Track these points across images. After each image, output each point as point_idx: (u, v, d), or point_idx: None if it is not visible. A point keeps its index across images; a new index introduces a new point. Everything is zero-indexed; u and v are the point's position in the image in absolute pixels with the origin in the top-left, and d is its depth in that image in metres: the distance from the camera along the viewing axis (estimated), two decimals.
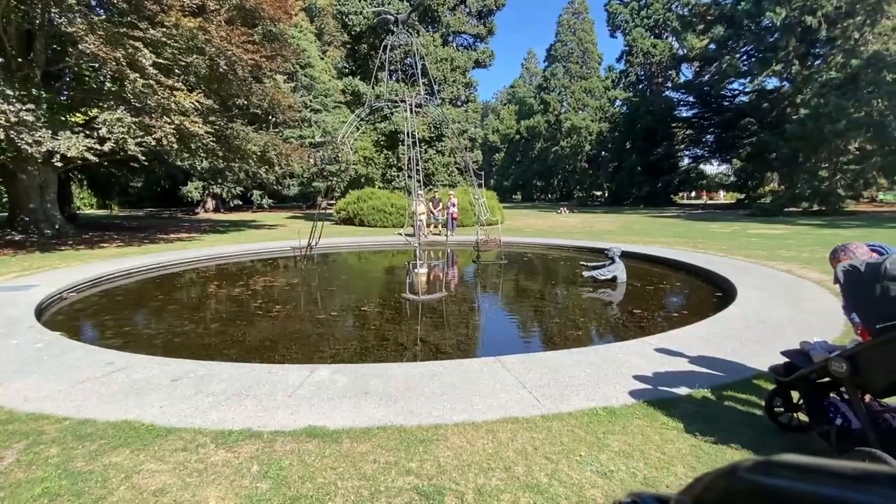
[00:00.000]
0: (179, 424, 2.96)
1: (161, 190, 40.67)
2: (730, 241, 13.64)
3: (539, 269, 11.24)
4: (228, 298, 7.82)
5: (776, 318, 5.32)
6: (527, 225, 21.91)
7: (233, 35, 14.68)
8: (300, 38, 34.02)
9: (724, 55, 32.80)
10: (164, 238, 16.56)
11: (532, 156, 57.46)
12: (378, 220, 21.32)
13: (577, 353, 4.25)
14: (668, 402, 3.21)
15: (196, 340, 5.47)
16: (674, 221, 22.83)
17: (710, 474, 0.45)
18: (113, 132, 11.98)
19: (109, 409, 3.21)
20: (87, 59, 12.49)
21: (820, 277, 7.61)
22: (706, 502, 0.43)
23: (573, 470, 2.41)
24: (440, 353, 4.97)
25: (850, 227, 17.13)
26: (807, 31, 26.72)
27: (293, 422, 2.98)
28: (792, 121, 26.45)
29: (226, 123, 17.27)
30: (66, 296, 7.68)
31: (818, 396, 2.58)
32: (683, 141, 44.44)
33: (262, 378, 3.70)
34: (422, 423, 2.94)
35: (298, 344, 5.26)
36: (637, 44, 44.94)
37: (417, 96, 10.99)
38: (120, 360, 4.18)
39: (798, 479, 0.39)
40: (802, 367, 2.59)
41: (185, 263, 11.20)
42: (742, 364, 3.95)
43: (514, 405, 3.18)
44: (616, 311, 7.08)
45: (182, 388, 3.55)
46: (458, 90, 25.18)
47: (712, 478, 0.44)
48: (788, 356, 2.80)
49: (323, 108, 35.20)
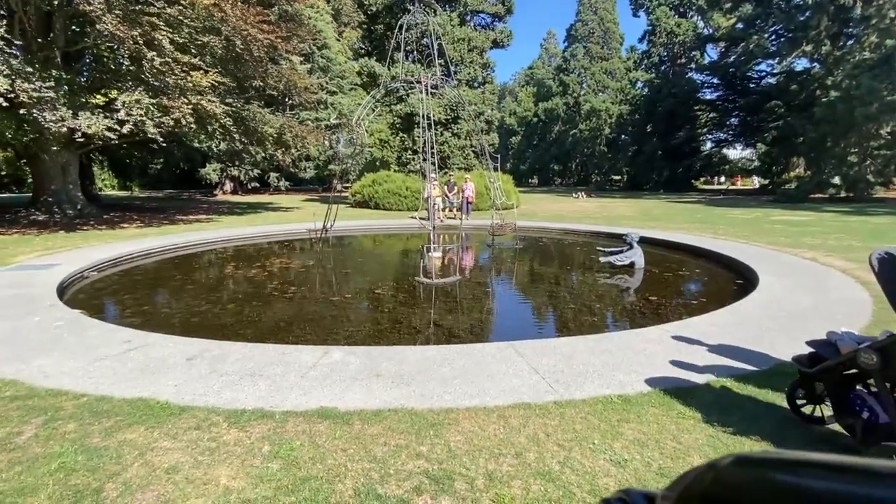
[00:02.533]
0: (193, 403, 2.99)
1: (180, 172, 41.14)
2: (752, 227, 13.29)
3: (555, 253, 11.12)
4: (244, 279, 7.90)
5: (799, 307, 5.17)
6: (543, 209, 21.67)
7: (248, 15, 14.60)
8: (316, 19, 33.72)
9: (752, 35, 31.54)
10: (182, 219, 16.78)
11: (550, 139, 56.54)
12: (393, 203, 21.28)
13: (591, 340, 4.18)
14: (685, 390, 3.13)
15: (212, 320, 5.53)
16: (694, 207, 22.34)
17: (693, 470, 0.45)
18: (132, 114, 12.08)
19: (126, 386, 3.26)
20: (105, 39, 12.56)
21: (845, 266, 7.37)
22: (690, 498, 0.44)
23: (586, 458, 2.37)
24: (453, 337, 4.95)
25: (878, 215, 16.56)
26: (840, 9, 25.56)
27: (305, 402, 2.98)
28: (821, 103, 25.49)
29: (242, 105, 17.30)
30: (87, 275, 7.83)
31: (844, 388, 2.48)
32: (706, 124, 43.21)
33: (275, 358, 3.72)
34: (433, 406, 2.92)
35: (312, 325, 5.29)
36: (660, 23, 43.54)
37: (433, 77, 10.82)
38: (137, 339, 4.24)
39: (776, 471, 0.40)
40: (829, 358, 2.49)
41: (203, 244, 11.33)
42: (763, 353, 3.84)
43: (527, 391, 3.14)
44: (633, 297, 6.96)
45: (197, 367, 3.58)
46: (475, 71, 24.77)
47: (695, 474, 0.45)
48: (814, 346, 2.69)
49: (339, 90, 35.00)
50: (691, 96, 40.79)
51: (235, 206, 23.97)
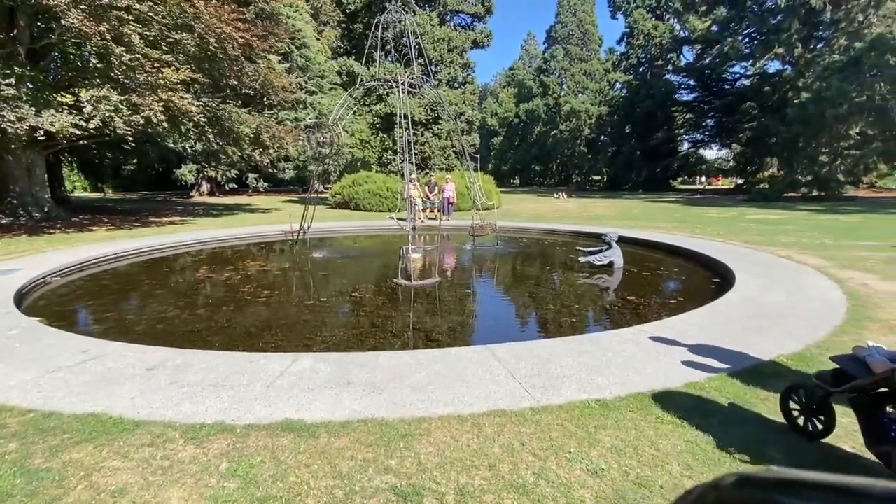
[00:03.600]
0: (149, 417, 2.81)
1: (155, 173, 40.12)
2: (728, 226, 13.48)
3: (535, 254, 11.08)
4: (217, 283, 7.64)
5: (775, 305, 5.18)
6: (524, 209, 21.69)
7: (223, 12, 14.26)
8: (295, 18, 33.23)
9: (727, 37, 32.18)
10: (156, 221, 16.32)
11: (531, 140, 56.82)
12: (374, 204, 21.06)
13: (570, 342, 4.10)
14: (664, 394, 3.07)
15: (180, 327, 5.30)
16: (672, 206, 22.63)
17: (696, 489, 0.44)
18: (98, 109, 11.66)
19: (77, 400, 3.05)
20: (71, 35, 12.09)
21: (820, 263, 7.47)
22: None
23: (562, 468, 2.27)
24: (430, 341, 4.83)
25: (849, 213, 16.99)
26: (811, 12, 26.23)
27: (270, 414, 2.83)
28: (793, 105, 26.12)
29: (218, 104, 16.89)
30: (50, 280, 7.49)
31: (876, 411, 2.22)
32: (683, 125, 43.96)
33: (241, 367, 3.55)
34: (404, 415, 2.79)
35: (284, 331, 5.11)
36: (638, 25, 44.16)
37: (412, 77, 10.68)
38: (95, 348, 4.01)
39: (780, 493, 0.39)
40: (857, 376, 2.23)
41: (176, 247, 10.99)
42: (741, 353, 3.81)
43: (503, 397, 3.03)
44: (612, 297, 6.93)
45: (157, 377, 3.39)
46: (455, 71, 24.68)
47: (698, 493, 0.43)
48: (839, 362, 2.40)
49: (318, 89, 34.55)
50: (669, 98, 41.44)
51: (212, 207, 23.45)
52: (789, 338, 4.14)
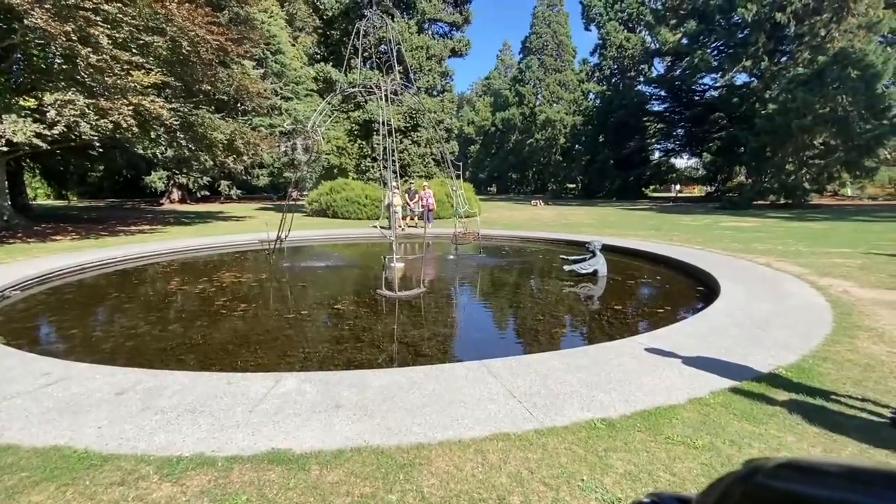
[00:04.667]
0: (119, 450, 2.55)
1: (123, 180, 38.86)
2: (704, 233, 13.71)
3: (518, 262, 11.00)
4: (190, 296, 7.28)
5: (763, 314, 5.19)
6: (502, 217, 21.71)
7: (196, 15, 13.85)
8: (270, 24, 32.77)
9: (696, 50, 33.10)
10: (124, 230, 15.67)
11: (507, 148, 57.28)
12: (352, 211, 20.76)
13: (566, 356, 3.98)
14: (668, 410, 2.97)
15: (151, 344, 4.98)
16: (647, 214, 23.01)
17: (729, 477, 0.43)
18: (63, 114, 11.12)
19: (38, 431, 2.77)
20: (35, 36, 11.52)
21: (799, 271, 7.59)
22: None
23: (576, 499, 2.12)
24: (420, 356, 4.64)
25: (817, 220, 17.53)
26: (776, 27, 27.22)
27: (254, 444, 2.60)
28: (760, 115, 26.97)
29: (190, 110, 16.38)
30: (8, 294, 7.02)
31: None
32: (655, 135, 45.01)
33: (219, 390, 3.30)
34: (401, 442, 2.61)
35: (264, 347, 4.84)
36: (611, 37, 45.12)
37: (393, 83, 10.53)
38: (58, 370, 3.70)
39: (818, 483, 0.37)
40: None
41: (146, 257, 10.52)
42: (737, 364, 3.75)
43: (504, 418, 2.88)
44: (599, 306, 6.87)
45: (127, 403, 3.12)
46: (433, 79, 24.64)
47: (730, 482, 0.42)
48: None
49: (294, 95, 34.11)
50: (640, 108, 42.37)
51: (183, 215, 22.74)
52: (784, 348, 4.11)
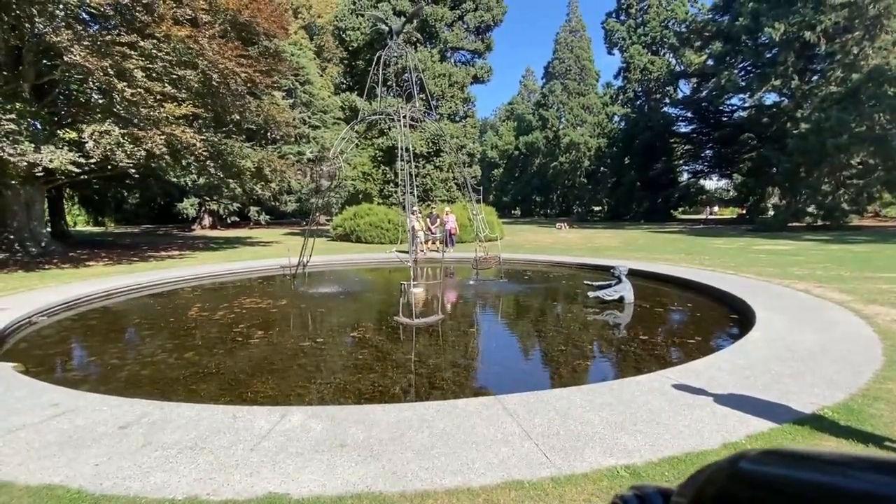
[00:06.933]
0: (112, 490, 2.44)
1: (157, 207, 40.37)
2: (737, 257, 13.17)
3: (541, 288, 10.73)
4: (208, 322, 7.29)
5: (806, 346, 4.81)
6: (526, 240, 21.45)
7: (226, 49, 14.42)
8: (300, 56, 34.04)
9: (723, 70, 32.65)
10: (154, 256, 16.08)
11: (531, 171, 57.36)
12: (375, 236, 20.88)
13: (587, 392, 3.74)
14: (699, 456, 2.70)
15: (165, 373, 4.94)
16: (676, 237, 22.38)
17: (712, 466, 0.43)
18: (99, 144, 11.60)
19: (36, 467, 2.69)
20: (74, 71, 12.16)
21: (842, 298, 7.12)
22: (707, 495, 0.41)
23: None
24: (434, 388, 4.45)
25: (858, 243, 16.69)
26: (805, 46, 26.63)
27: (251, 486, 2.46)
28: (793, 135, 26.20)
29: (220, 139, 16.94)
30: (36, 320, 7.17)
31: None
32: (682, 156, 44.30)
33: (224, 424, 3.18)
34: (406, 489, 2.42)
35: (276, 378, 4.74)
36: (634, 60, 45.07)
37: (413, 110, 10.62)
38: (67, 401, 3.66)
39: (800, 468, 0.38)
40: None
41: (171, 283, 10.69)
42: (779, 404, 3.43)
43: (518, 462, 2.66)
44: (626, 335, 6.55)
45: (129, 437, 3.03)
46: (456, 105, 24.93)
47: (713, 469, 0.42)
48: None
49: (322, 124, 35.08)
50: (667, 129, 41.87)
51: (212, 241, 23.29)
52: (829, 385, 3.77)
